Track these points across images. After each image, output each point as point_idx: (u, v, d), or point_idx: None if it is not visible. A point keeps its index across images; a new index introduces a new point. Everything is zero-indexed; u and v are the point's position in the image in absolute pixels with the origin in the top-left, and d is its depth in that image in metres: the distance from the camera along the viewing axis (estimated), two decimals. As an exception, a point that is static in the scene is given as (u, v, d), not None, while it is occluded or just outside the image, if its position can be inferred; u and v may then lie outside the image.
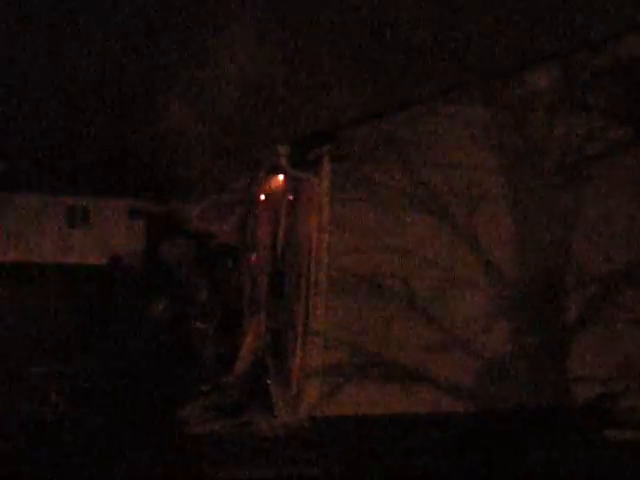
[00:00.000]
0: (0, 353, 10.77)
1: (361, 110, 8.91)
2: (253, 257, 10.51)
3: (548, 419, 7.90)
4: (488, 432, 7.52)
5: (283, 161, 7.36)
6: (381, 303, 7.70)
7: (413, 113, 7.79)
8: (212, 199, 11.83)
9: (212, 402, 8.69)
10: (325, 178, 7.48)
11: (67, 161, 23.98)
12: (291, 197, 9.04)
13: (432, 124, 7.78)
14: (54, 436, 7.35)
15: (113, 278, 12.89)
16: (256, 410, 8.16)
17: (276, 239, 9.41)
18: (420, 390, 7.77)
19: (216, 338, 11.16)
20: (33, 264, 22.54)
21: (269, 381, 9.28)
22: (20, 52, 25.43)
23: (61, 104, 25.14)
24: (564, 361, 8.28)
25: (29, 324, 12.85)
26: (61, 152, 23.84)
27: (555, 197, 8.21)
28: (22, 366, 9.93)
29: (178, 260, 13.61)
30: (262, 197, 10.12)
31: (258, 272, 10.43)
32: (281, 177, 9.25)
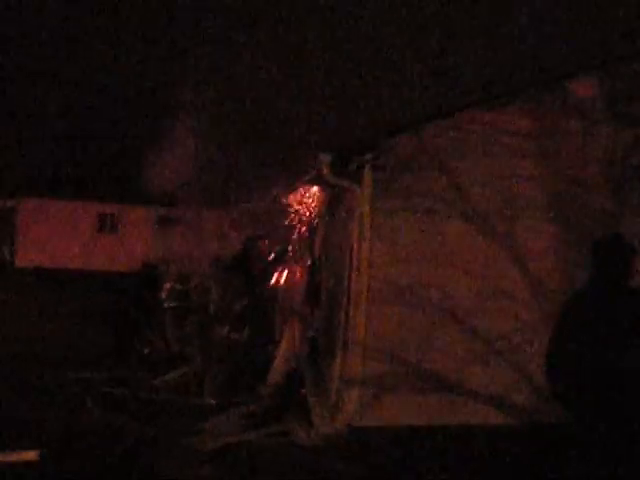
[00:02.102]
0: (35, 359, 10.86)
1: (402, 118, 8.87)
2: (289, 265, 10.50)
3: (590, 431, 7.76)
4: (530, 446, 7.41)
5: (325, 170, 7.33)
6: (421, 313, 7.63)
7: (453, 122, 7.74)
8: (246, 206, 11.85)
9: (247, 411, 8.66)
10: (366, 187, 7.45)
11: (97, 167, 24.25)
12: (328, 206, 9.01)
13: (473, 133, 7.72)
14: (90, 443, 7.37)
15: (146, 285, 12.91)
16: (292, 419, 8.12)
17: (313, 248, 9.39)
18: (460, 402, 7.67)
19: (249, 346, 11.12)
20: (64, 270, 22.75)
21: (304, 390, 9.23)
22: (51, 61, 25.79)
23: (91, 111, 25.44)
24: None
25: (63, 330, 12.97)
26: (91, 158, 24.11)
27: (597, 208, 8.10)
28: (57, 373, 10.00)
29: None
30: (299, 205, 10.12)
31: (294, 280, 10.40)
32: (317, 186, 9.23)
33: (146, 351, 11.76)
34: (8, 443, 6.63)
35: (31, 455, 6.49)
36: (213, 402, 9.05)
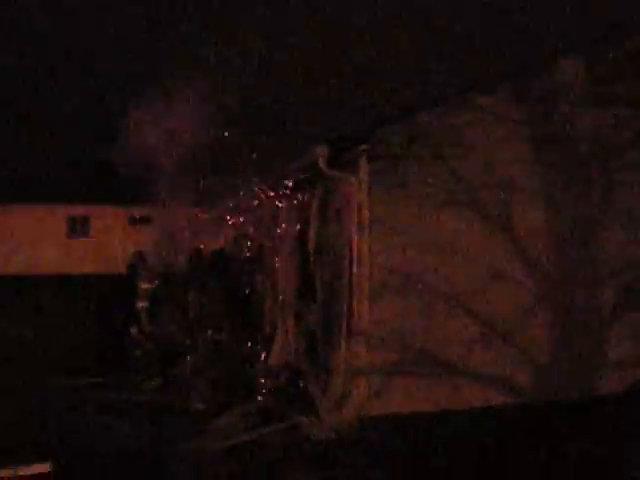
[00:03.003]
0: (24, 367, 10.65)
1: (396, 107, 8.86)
2: (279, 260, 10.43)
3: (591, 408, 7.91)
4: (536, 424, 7.51)
5: (321, 162, 7.30)
6: (422, 300, 7.68)
7: (445, 109, 7.78)
8: (230, 202, 11.73)
9: (249, 409, 8.59)
10: (363, 178, 7.45)
11: (65, 168, 23.75)
12: (321, 200, 8.97)
13: (465, 119, 7.78)
14: (98, 450, 7.26)
15: (128, 285, 12.76)
16: (299, 414, 8.07)
17: (306, 241, 9.33)
18: (465, 384, 7.76)
19: (235, 346, 11.03)
20: (43, 276, 22.29)
21: (302, 383, 9.19)
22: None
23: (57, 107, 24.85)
24: (602, 348, 8.32)
25: (48, 336, 12.72)
26: (59, 159, 23.59)
27: (588, 187, 8.24)
28: (50, 380, 9.80)
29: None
30: (288, 199, 10.04)
31: (285, 275, 10.35)
32: (309, 179, 9.15)
33: (137, 353, 11.60)
34: (15, 456, 6.48)
35: (43, 468, 6.33)
36: (200, 407, 8.88)
